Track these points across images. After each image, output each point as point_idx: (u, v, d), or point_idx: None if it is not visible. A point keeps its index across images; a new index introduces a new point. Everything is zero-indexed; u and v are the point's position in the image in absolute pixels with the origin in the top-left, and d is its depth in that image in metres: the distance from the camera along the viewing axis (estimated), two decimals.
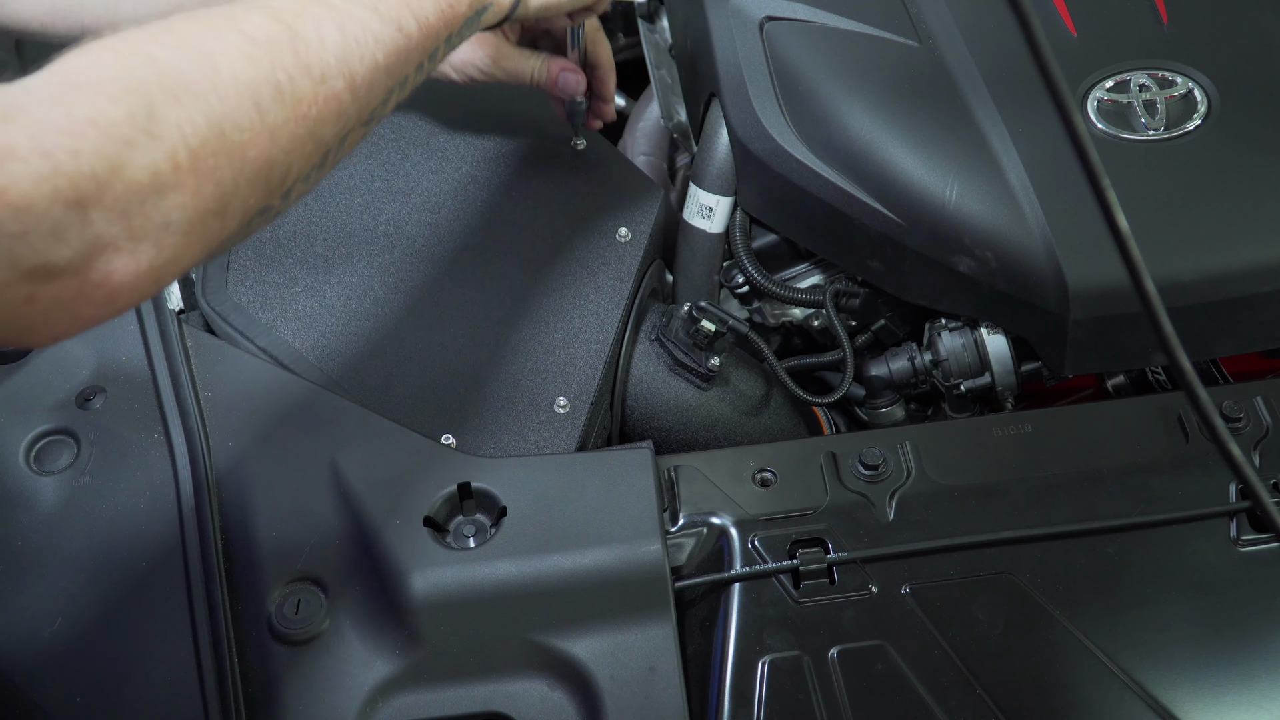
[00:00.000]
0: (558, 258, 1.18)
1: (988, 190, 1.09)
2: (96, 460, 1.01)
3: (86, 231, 0.64)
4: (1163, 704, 0.93)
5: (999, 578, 0.99)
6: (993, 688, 0.94)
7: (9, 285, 0.63)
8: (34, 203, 0.61)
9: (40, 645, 0.94)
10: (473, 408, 1.10)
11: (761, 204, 1.23)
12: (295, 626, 0.94)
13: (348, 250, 1.16)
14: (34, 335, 0.68)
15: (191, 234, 0.69)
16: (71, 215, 0.63)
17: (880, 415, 1.26)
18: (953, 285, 1.12)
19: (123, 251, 0.66)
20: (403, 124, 1.22)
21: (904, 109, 1.14)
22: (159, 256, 0.68)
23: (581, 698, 0.94)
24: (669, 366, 1.19)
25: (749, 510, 1.02)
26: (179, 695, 0.92)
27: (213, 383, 1.06)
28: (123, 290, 0.67)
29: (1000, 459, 1.05)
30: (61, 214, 0.63)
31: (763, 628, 0.97)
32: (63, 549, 0.98)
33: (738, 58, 1.20)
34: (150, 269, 0.68)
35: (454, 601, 0.95)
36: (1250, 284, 1.07)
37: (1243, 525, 1.00)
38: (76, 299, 0.66)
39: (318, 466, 1.01)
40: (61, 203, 0.62)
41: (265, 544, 0.98)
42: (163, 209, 0.67)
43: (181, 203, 0.68)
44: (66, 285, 0.65)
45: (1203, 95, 1.13)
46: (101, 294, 0.66)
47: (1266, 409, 1.06)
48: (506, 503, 0.99)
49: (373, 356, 1.11)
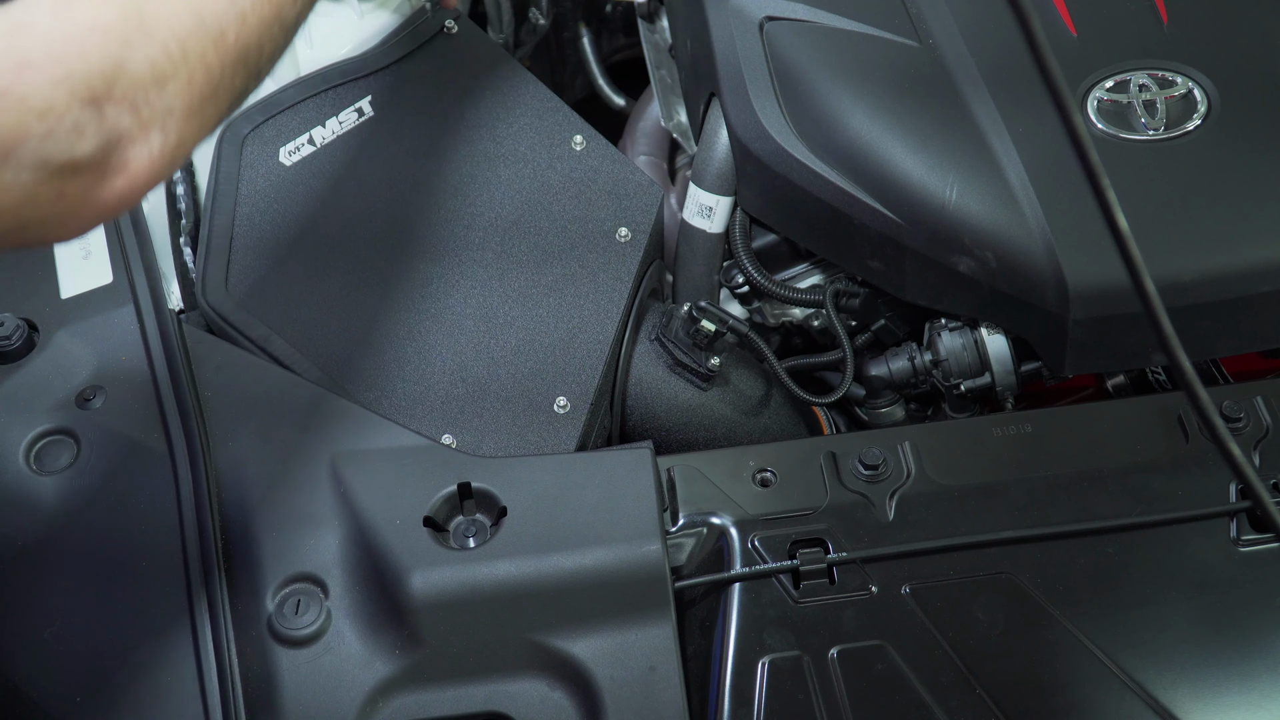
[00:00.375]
0: (558, 258, 1.18)
1: (988, 190, 1.09)
2: (96, 460, 1.01)
3: (104, 126, 0.71)
4: (1163, 704, 0.93)
5: (999, 578, 0.99)
6: (993, 688, 0.94)
7: (40, 185, 0.70)
8: (54, 105, 0.69)
9: (40, 645, 0.94)
10: (473, 408, 1.10)
11: (761, 204, 1.23)
12: (295, 626, 0.94)
13: (348, 250, 1.16)
14: (64, 230, 0.75)
15: (192, 118, 0.77)
16: (89, 113, 0.70)
17: (880, 415, 1.26)
18: (953, 285, 1.12)
19: (136, 140, 0.73)
20: (403, 124, 1.22)
21: (904, 109, 1.14)
22: (167, 141, 0.75)
23: (581, 698, 0.94)
24: (669, 366, 1.19)
25: (749, 510, 1.02)
26: (179, 695, 0.92)
27: (213, 383, 1.06)
28: (140, 175, 0.74)
29: (1000, 459, 1.05)
30: (79, 112, 0.70)
31: (763, 628, 0.97)
32: (63, 549, 0.98)
33: (738, 58, 1.20)
34: (161, 154, 0.75)
35: (454, 601, 0.95)
36: (1250, 284, 1.07)
37: (1243, 525, 1.00)
38: (100, 189, 0.73)
39: (318, 466, 1.01)
40: (78, 102, 0.69)
41: (265, 544, 0.98)
42: (165, 98, 0.74)
43: (179, 89, 0.75)
44: (90, 178, 0.72)
45: (1203, 95, 1.13)
46: (122, 182, 0.74)
47: (1266, 409, 1.06)
48: (506, 503, 0.99)
49: (373, 356, 1.11)
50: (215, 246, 1.12)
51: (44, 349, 1.07)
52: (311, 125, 1.19)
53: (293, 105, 1.19)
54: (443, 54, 1.27)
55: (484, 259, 1.17)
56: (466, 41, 1.28)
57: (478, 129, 1.24)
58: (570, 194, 1.22)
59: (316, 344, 1.10)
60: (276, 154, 1.17)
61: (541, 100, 1.26)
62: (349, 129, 1.20)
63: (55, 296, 1.10)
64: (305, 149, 1.18)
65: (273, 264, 1.13)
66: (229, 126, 1.16)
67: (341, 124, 1.20)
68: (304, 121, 1.19)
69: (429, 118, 1.24)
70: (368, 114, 1.21)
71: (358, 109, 1.21)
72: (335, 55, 1.25)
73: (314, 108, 1.19)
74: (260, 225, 1.14)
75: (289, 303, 1.12)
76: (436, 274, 1.16)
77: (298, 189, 1.17)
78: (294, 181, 1.17)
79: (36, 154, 0.69)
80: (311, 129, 1.19)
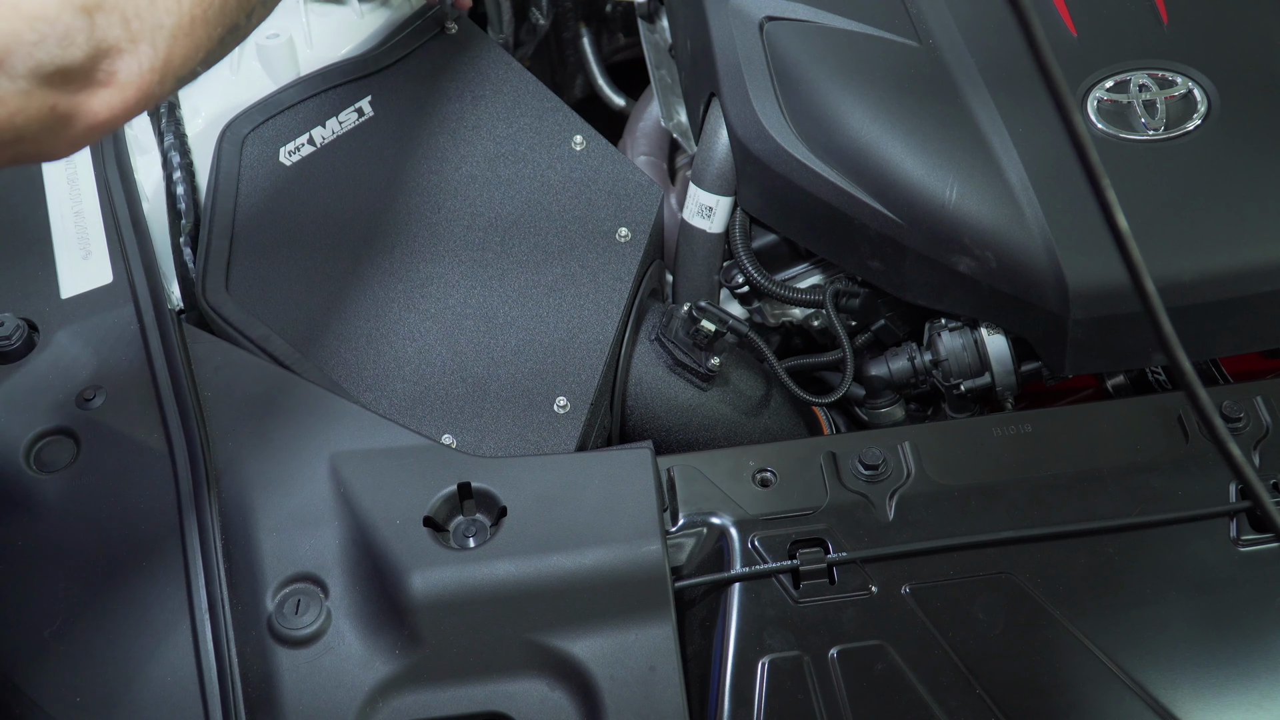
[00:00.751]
0: (558, 258, 1.18)
1: (988, 190, 1.09)
2: (96, 460, 1.01)
3: (94, 35, 0.74)
4: (1163, 704, 0.93)
5: (999, 578, 0.98)
6: (993, 688, 0.94)
7: (31, 94, 0.73)
8: (46, 10, 0.72)
9: (40, 645, 0.94)
10: (473, 408, 1.10)
11: (761, 204, 1.23)
12: (295, 626, 0.94)
13: (348, 250, 1.16)
14: (56, 144, 0.77)
15: (183, 36, 0.80)
16: (80, 20, 0.73)
17: (880, 415, 1.26)
18: (953, 285, 1.12)
19: (125, 53, 0.76)
20: (403, 124, 1.22)
21: (904, 109, 1.14)
22: (156, 56, 0.78)
23: (581, 698, 0.94)
24: (669, 366, 1.19)
25: (749, 510, 1.02)
26: (179, 695, 0.92)
27: (213, 383, 1.06)
28: (129, 89, 0.77)
29: (1000, 459, 1.05)
30: (71, 19, 0.73)
31: (763, 628, 0.96)
32: (63, 549, 0.98)
33: (738, 58, 1.20)
34: (150, 69, 0.78)
35: (454, 601, 0.95)
36: (1250, 284, 1.07)
37: (1243, 525, 1.00)
38: (90, 101, 0.76)
39: (317, 466, 1.01)
40: (70, 9, 0.73)
41: (265, 544, 0.98)
42: (156, 13, 0.77)
43: (170, 6, 0.78)
44: (80, 89, 0.75)
45: (1203, 95, 1.13)
46: (111, 95, 0.76)
47: (1266, 409, 1.06)
48: (506, 503, 0.99)
49: (373, 356, 1.11)
50: (215, 246, 1.12)
51: (44, 349, 1.07)
52: (311, 125, 1.19)
53: (293, 105, 1.19)
54: (443, 54, 1.27)
55: (484, 259, 1.17)
56: (466, 41, 1.28)
57: (478, 129, 1.24)
58: (570, 194, 1.22)
59: (316, 344, 1.10)
60: (276, 154, 1.17)
61: (541, 100, 1.26)
62: (349, 129, 1.20)
63: (55, 296, 1.10)
64: (305, 149, 1.18)
65: (273, 264, 1.13)
66: (229, 126, 1.16)
67: (341, 124, 1.20)
68: (304, 121, 1.19)
69: (429, 118, 1.24)
70: (368, 114, 1.21)
71: (358, 109, 1.21)
72: (335, 55, 1.25)
73: (314, 108, 1.19)
74: (260, 225, 1.14)
75: (289, 303, 1.12)
76: (436, 274, 1.16)
77: (298, 189, 1.17)
78: (294, 181, 1.17)
79: (29, 60, 0.72)
80: (311, 129, 1.19)
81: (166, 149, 1.17)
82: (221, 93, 1.21)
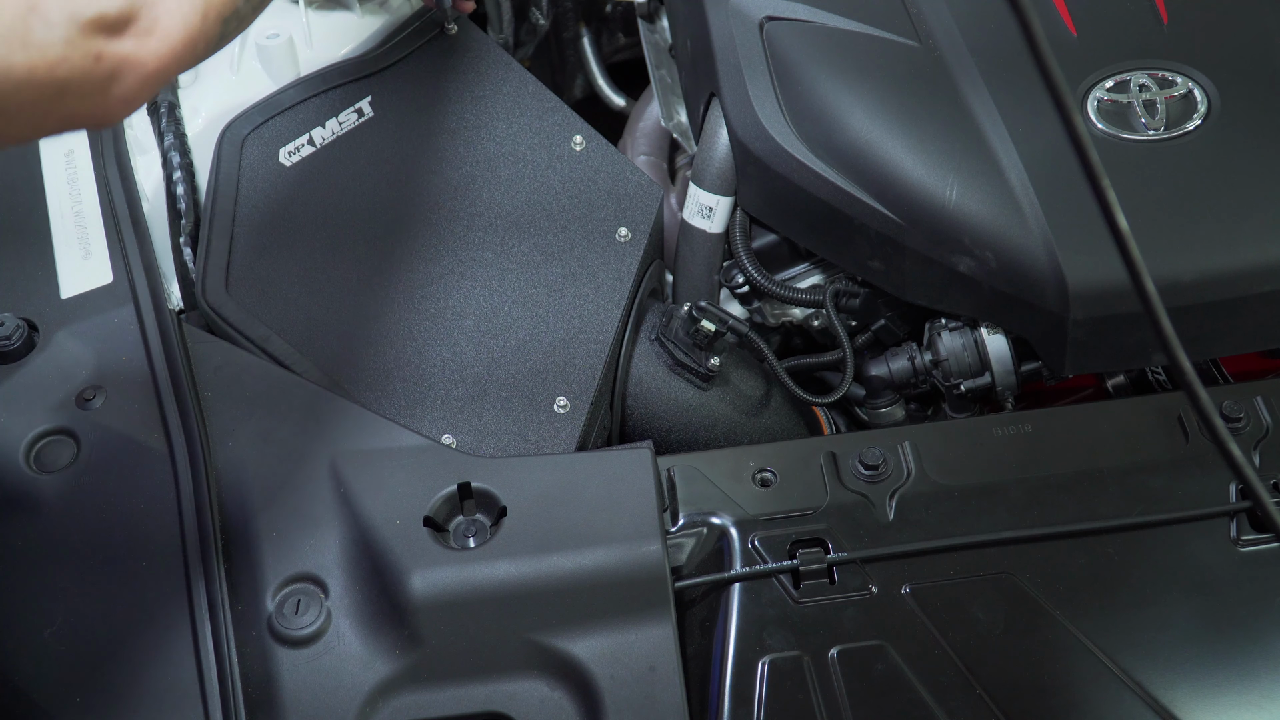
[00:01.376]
0: (558, 258, 1.18)
1: (988, 190, 1.09)
2: (96, 460, 1.01)
3: None
4: (1163, 704, 0.93)
5: (999, 578, 0.98)
6: (993, 688, 0.94)
7: (73, 43, 0.72)
8: None
9: (40, 645, 0.94)
10: (473, 408, 1.10)
11: (761, 204, 1.23)
12: (295, 626, 0.94)
13: (347, 251, 1.16)
14: (107, 101, 0.76)
15: None
16: None
17: (880, 415, 1.26)
18: (953, 285, 1.12)
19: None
20: (403, 124, 1.22)
21: (904, 109, 1.14)
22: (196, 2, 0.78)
23: (581, 698, 0.94)
24: (669, 366, 1.19)
25: (749, 510, 1.02)
26: (179, 695, 0.92)
27: (213, 383, 1.06)
28: (174, 35, 0.76)
29: (1000, 459, 1.05)
30: None
31: (763, 628, 0.97)
32: (63, 549, 0.98)
33: (738, 58, 1.20)
34: (192, 9, 0.77)
35: (454, 601, 0.95)
36: (1250, 284, 1.07)
37: (1243, 525, 1.00)
38: (138, 51, 0.75)
39: (318, 466, 1.01)
40: None
41: (265, 544, 0.98)
42: None
43: None
44: (124, 36, 0.74)
45: (1203, 95, 1.13)
46: (158, 43, 0.76)
47: (1266, 409, 1.06)
48: (506, 503, 0.99)
49: (372, 356, 1.11)
50: (215, 247, 1.12)
51: (44, 349, 1.07)
52: (311, 126, 1.19)
53: (293, 106, 1.19)
54: (442, 54, 1.27)
55: (484, 259, 1.17)
56: (466, 42, 1.28)
57: (478, 129, 1.24)
58: (570, 194, 1.22)
59: (316, 344, 1.10)
60: (276, 154, 1.17)
61: (541, 100, 1.26)
62: (349, 129, 1.20)
63: (55, 296, 1.10)
64: (305, 149, 1.18)
65: (273, 264, 1.13)
66: (229, 127, 1.16)
67: (341, 124, 1.20)
68: (304, 122, 1.19)
69: (429, 118, 1.24)
70: (368, 114, 1.21)
71: (358, 109, 1.21)
72: (335, 55, 1.25)
73: (314, 108, 1.19)
74: (260, 225, 1.14)
75: (289, 303, 1.12)
76: (436, 274, 1.16)
77: (298, 189, 1.17)
78: (294, 182, 1.17)
79: (64, 6, 0.71)
80: (311, 129, 1.19)
81: (166, 149, 1.17)
82: (221, 93, 1.21)
